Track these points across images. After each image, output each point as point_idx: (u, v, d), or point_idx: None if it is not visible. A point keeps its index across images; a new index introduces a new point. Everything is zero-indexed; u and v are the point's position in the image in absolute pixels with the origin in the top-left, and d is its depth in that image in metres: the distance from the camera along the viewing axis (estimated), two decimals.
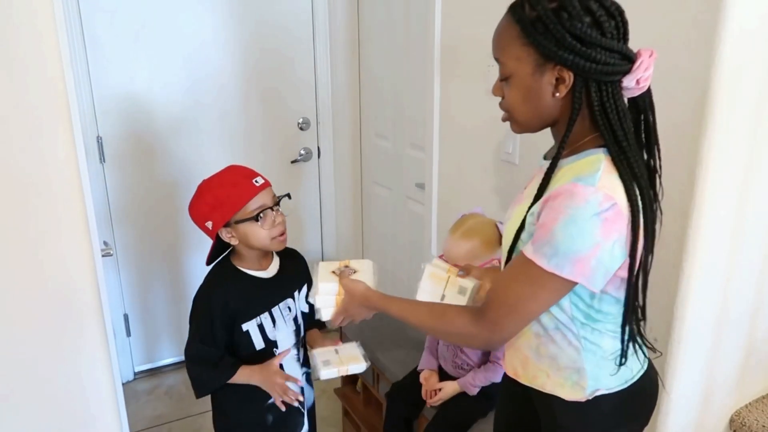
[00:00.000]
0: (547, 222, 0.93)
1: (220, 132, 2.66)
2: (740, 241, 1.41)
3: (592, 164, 0.94)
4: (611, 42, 0.91)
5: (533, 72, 0.95)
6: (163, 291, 2.73)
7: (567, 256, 0.91)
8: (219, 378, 1.49)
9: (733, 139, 1.27)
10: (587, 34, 0.90)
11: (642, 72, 0.93)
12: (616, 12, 0.92)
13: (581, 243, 0.90)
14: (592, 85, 0.94)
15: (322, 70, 2.80)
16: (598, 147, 0.97)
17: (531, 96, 0.98)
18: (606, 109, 0.94)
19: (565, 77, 0.94)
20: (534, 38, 0.93)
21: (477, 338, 1.03)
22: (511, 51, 0.97)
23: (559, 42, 0.91)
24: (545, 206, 0.94)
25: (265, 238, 1.45)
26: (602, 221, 0.90)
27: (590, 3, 0.90)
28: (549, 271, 0.92)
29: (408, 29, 2.33)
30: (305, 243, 3.03)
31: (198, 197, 1.45)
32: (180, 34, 2.49)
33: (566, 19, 0.90)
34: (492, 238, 1.58)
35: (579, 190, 0.91)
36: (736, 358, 1.59)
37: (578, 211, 0.90)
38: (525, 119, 1.02)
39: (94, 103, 2.40)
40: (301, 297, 1.62)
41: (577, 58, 0.91)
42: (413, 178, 2.45)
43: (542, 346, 1.08)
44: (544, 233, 0.92)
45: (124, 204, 2.57)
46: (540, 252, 0.93)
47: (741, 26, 1.17)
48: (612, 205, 0.90)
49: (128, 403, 2.50)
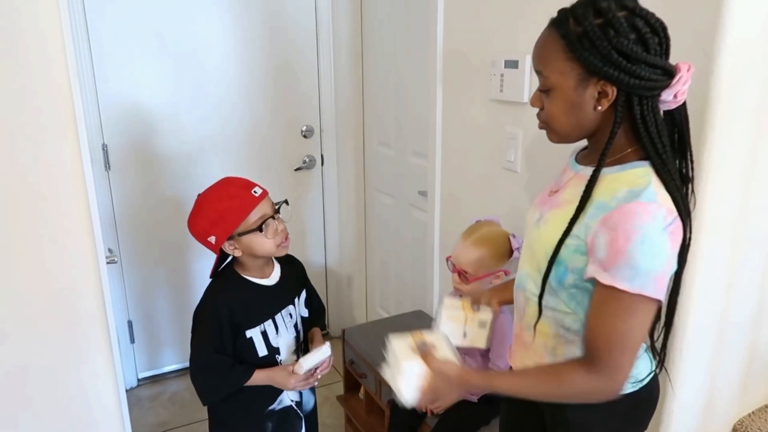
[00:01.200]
0: (617, 245, 0.91)
1: (225, 140, 2.68)
2: (741, 249, 1.41)
3: (639, 177, 0.96)
4: (655, 59, 0.92)
5: (576, 86, 0.96)
6: (167, 298, 2.74)
7: (648, 275, 0.91)
8: (233, 385, 1.49)
9: (733, 148, 1.27)
10: (633, 50, 0.90)
11: (681, 86, 0.94)
12: (659, 28, 0.93)
13: (659, 260, 0.92)
14: (635, 100, 0.95)
15: (326, 79, 2.82)
16: (641, 160, 0.99)
17: (573, 109, 0.99)
18: (647, 123, 0.96)
19: (608, 92, 0.95)
20: (580, 54, 0.93)
21: (602, 391, 0.99)
22: (554, 65, 0.97)
23: (605, 58, 0.91)
24: (605, 226, 0.93)
25: (271, 247, 1.46)
26: (669, 235, 0.92)
27: (636, 20, 0.91)
28: (635, 293, 0.92)
29: (410, 38, 2.35)
30: (308, 250, 3.04)
31: (197, 213, 1.44)
32: (185, 43, 2.51)
33: (613, 35, 0.90)
34: (503, 250, 1.59)
35: (643, 208, 0.91)
36: (739, 366, 1.58)
37: (648, 229, 0.90)
38: (565, 131, 1.03)
39: (99, 111, 2.42)
40: (300, 303, 1.63)
41: (622, 74, 0.92)
42: (416, 186, 2.46)
43: (560, 347, 1.09)
44: (619, 257, 0.91)
45: (129, 211, 2.58)
46: (619, 276, 0.92)
47: (740, 36, 1.18)
48: (674, 218, 0.93)
49: (131, 409, 2.52)
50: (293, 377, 1.51)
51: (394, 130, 2.60)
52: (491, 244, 1.58)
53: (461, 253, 1.59)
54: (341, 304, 3.18)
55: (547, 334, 1.10)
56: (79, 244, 1.47)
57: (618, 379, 0.98)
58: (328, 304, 3.17)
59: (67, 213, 1.44)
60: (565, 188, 1.08)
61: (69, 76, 1.36)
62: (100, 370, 1.57)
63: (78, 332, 1.52)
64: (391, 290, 2.85)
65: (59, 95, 1.37)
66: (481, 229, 1.61)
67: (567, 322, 1.06)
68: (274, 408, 1.59)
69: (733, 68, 1.19)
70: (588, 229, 0.97)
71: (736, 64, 1.19)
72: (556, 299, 1.06)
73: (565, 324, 1.07)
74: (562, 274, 1.03)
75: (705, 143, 1.22)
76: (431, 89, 2.11)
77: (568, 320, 1.06)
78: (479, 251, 1.57)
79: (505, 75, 1.74)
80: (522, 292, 1.15)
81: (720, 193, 1.28)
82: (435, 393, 1.11)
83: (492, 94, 1.81)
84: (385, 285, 2.92)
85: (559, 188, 1.11)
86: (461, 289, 1.63)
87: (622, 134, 0.99)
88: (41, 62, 1.34)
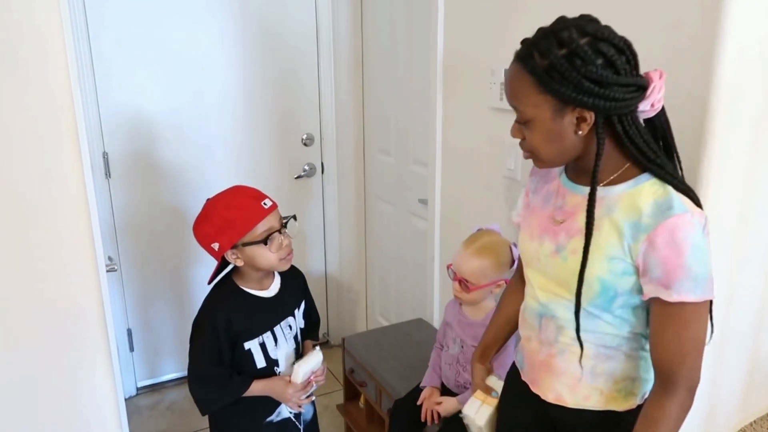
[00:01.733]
0: (672, 261, 0.93)
1: (225, 148, 2.68)
2: (741, 259, 1.41)
3: (657, 189, 0.97)
4: (626, 78, 0.93)
5: (553, 117, 0.96)
6: (167, 306, 2.74)
7: (705, 281, 0.95)
8: (231, 395, 1.49)
9: (733, 156, 1.27)
10: (602, 75, 0.91)
11: (656, 95, 0.96)
12: (624, 46, 0.93)
13: (707, 262, 0.95)
14: (614, 119, 0.96)
15: (326, 87, 2.83)
16: (642, 172, 1.00)
17: (554, 137, 0.99)
18: (632, 137, 0.97)
19: (586, 117, 0.95)
20: (551, 87, 0.93)
21: (688, 403, 1.00)
22: (527, 100, 0.97)
23: (576, 87, 0.92)
24: (653, 246, 0.94)
25: (274, 260, 1.45)
26: (707, 236, 0.96)
27: (600, 44, 0.91)
28: (701, 302, 0.95)
29: (411, 47, 2.36)
30: (308, 258, 3.03)
31: (204, 218, 1.44)
32: (186, 51, 2.52)
33: (580, 65, 0.91)
34: (505, 259, 1.58)
35: (683, 219, 0.93)
36: (740, 375, 1.58)
37: (695, 238, 0.93)
38: (551, 158, 1.03)
39: (100, 119, 2.43)
40: (300, 314, 1.62)
41: (596, 99, 0.92)
42: (416, 194, 2.46)
43: (599, 365, 1.09)
44: (678, 272, 0.93)
45: (129, 219, 2.58)
46: (683, 289, 0.94)
47: (739, 46, 1.18)
48: (706, 219, 0.96)
49: (131, 418, 2.50)
50: (291, 387, 1.51)
51: (394, 138, 2.60)
52: (493, 253, 1.58)
53: (463, 262, 1.58)
54: (341, 313, 3.18)
55: (587, 356, 1.09)
56: (79, 252, 1.47)
57: (696, 385, 1.00)
58: (328, 312, 3.16)
59: (67, 221, 1.44)
60: (578, 214, 1.05)
61: (70, 85, 1.37)
62: (99, 379, 1.57)
63: (77, 341, 1.52)
64: (392, 298, 2.84)
65: (60, 104, 1.37)
66: (483, 238, 1.61)
67: (607, 341, 1.07)
68: (273, 419, 1.58)
69: (732, 75, 1.19)
70: (632, 250, 0.97)
71: (735, 71, 1.20)
72: (597, 321, 1.06)
73: (606, 343, 1.07)
74: (611, 299, 1.03)
75: (705, 151, 1.23)
76: (431, 97, 2.12)
77: (608, 339, 1.07)
78: (481, 260, 1.56)
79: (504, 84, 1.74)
80: (552, 320, 1.12)
81: (720, 201, 1.28)
82: None
83: (492, 102, 1.82)
84: (385, 293, 2.91)
85: (565, 216, 1.08)
86: (462, 297, 1.62)
87: (613, 151, 1.00)
88: (42, 71, 1.34)
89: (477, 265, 1.56)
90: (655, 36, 1.30)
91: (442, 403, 1.69)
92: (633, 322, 1.05)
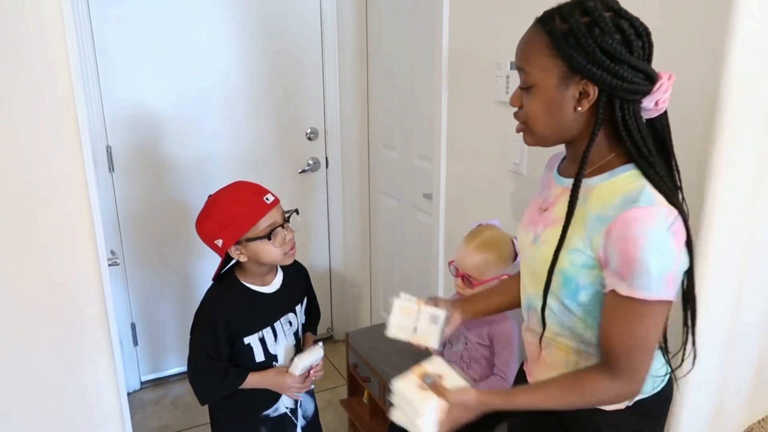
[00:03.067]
0: (628, 255, 0.91)
1: (229, 142, 2.67)
2: (752, 252, 1.39)
3: (631, 182, 0.95)
4: (638, 61, 0.92)
5: (558, 84, 0.95)
6: (171, 301, 2.74)
7: (661, 279, 0.91)
8: (227, 388, 1.49)
9: (744, 149, 1.25)
10: (617, 50, 0.91)
11: (662, 93, 0.94)
12: (644, 33, 0.94)
13: (667, 262, 0.91)
14: (616, 102, 0.94)
15: (331, 81, 2.82)
16: (625, 164, 0.98)
17: (553, 108, 0.98)
18: (629, 126, 0.95)
19: (589, 92, 0.94)
20: (564, 50, 0.93)
21: (623, 394, 1.02)
22: (537, 61, 0.96)
23: (588, 56, 0.91)
24: (611, 239, 0.93)
25: (278, 255, 1.44)
26: (673, 234, 0.91)
27: (621, 21, 0.91)
28: (654, 300, 0.92)
29: (415, 40, 2.34)
30: (313, 253, 3.03)
31: (207, 215, 1.43)
32: (189, 45, 2.51)
33: (598, 34, 0.90)
34: (506, 254, 1.57)
35: (644, 212, 0.91)
36: (749, 371, 1.56)
37: (654, 233, 0.90)
38: (543, 131, 1.01)
39: (104, 113, 2.42)
40: (302, 310, 1.61)
41: (604, 73, 0.92)
42: (421, 189, 2.44)
43: (582, 362, 1.09)
44: (632, 267, 0.91)
45: (133, 213, 2.58)
46: (636, 285, 0.92)
47: (749, 36, 1.16)
48: (675, 217, 0.92)
49: (134, 412, 2.51)
50: (289, 377, 1.51)
51: (399, 133, 2.59)
52: (495, 247, 1.57)
53: (465, 258, 1.57)
54: (345, 307, 3.17)
55: (569, 351, 1.09)
56: (81, 246, 1.46)
57: (638, 381, 0.99)
58: (332, 307, 3.16)
59: (69, 215, 1.44)
60: (555, 204, 1.07)
61: (71, 78, 1.36)
62: (101, 372, 1.56)
63: (80, 335, 1.51)
64: (395, 292, 2.83)
65: (62, 97, 1.36)
66: (484, 233, 1.60)
67: (587, 338, 1.06)
68: (269, 414, 1.58)
69: (743, 68, 1.17)
70: (593, 242, 0.96)
71: (746, 64, 1.18)
72: (572, 317, 1.05)
73: (585, 339, 1.06)
74: (574, 292, 1.02)
75: (714, 144, 1.21)
76: (436, 91, 2.10)
77: (588, 335, 1.06)
78: (483, 255, 1.55)
79: (510, 77, 1.72)
80: (535, 313, 1.12)
81: (730, 194, 1.26)
82: (455, 422, 1.10)
83: (498, 96, 1.80)
84: (389, 288, 2.90)
85: (548, 205, 1.09)
86: (464, 293, 1.61)
87: (603, 139, 0.98)
88: (44, 64, 1.33)
89: (479, 260, 1.55)
90: (665, 27, 1.28)
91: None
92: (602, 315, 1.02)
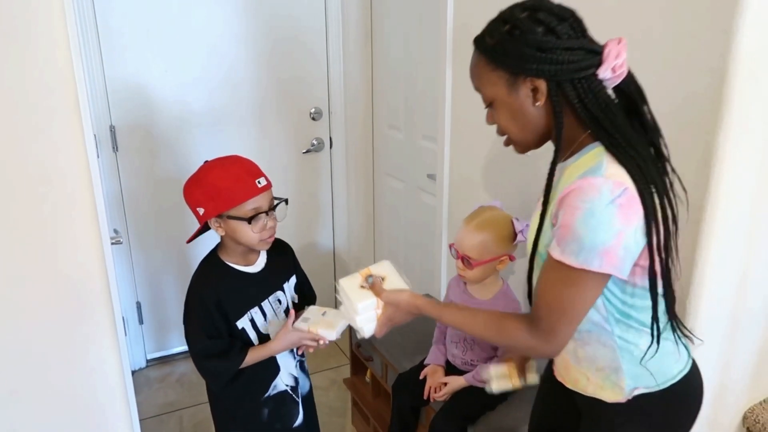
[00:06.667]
0: (566, 221, 0.94)
1: (232, 122, 2.66)
2: (757, 236, 1.38)
3: (593, 158, 0.97)
4: (569, 41, 0.95)
5: (509, 91, 1.01)
6: (175, 279, 2.75)
7: (594, 250, 0.91)
8: (232, 366, 1.48)
9: (750, 131, 1.24)
10: (543, 41, 0.95)
11: (613, 60, 0.95)
12: (566, 14, 0.97)
13: (604, 234, 0.91)
14: (567, 86, 0.97)
15: (335, 61, 2.79)
16: (593, 142, 0.99)
17: (516, 114, 1.02)
18: (586, 104, 0.97)
19: (538, 86, 0.98)
20: (499, 62, 1.00)
21: (537, 349, 1.04)
22: (485, 79, 1.03)
23: (520, 57, 0.96)
24: (561, 207, 0.95)
25: (253, 239, 1.43)
26: (618, 207, 0.90)
27: (538, 14, 0.96)
28: (579, 268, 0.93)
29: (420, 20, 2.31)
30: (317, 234, 3.03)
31: (196, 180, 1.43)
32: (193, 24, 2.49)
33: (519, 35, 0.96)
34: (506, 233, 1.56)
35: (589, 182, 0.92)
36: (751, 354, 1.56)
37: (593, 204, 0.91)
38: (521, 137, 1.06)
39: (107, 93, 2.41)
40: (290, 288, 1.61)
41: (540, 65, 0.96)
42: (425, 169, 2.43)
43: (579, 349, 1.10)
44: (566, 232, 0.93)
45: (137, 193, 2.58)
46: (567, 251, 0.94)
47: (759, 13, 1.14)
48: (624, 190, 0.91)
49: (140, 390, 2.54)
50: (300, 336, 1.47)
51: (403, 113, 2.57)
52: (494, 227, 1.56)
53: (464, 238, 1.57)
54: None
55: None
56: (84, 226, 1.46)
57: (553, 343, 1.00)
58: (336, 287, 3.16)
59: (72, 194, 1.44)
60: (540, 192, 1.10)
61: (71, 57, 1.35)
62: (106, 350, 1.58)
63: (84, 313, 1.52)
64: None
65: (62, 76, 1.36)
66: (484, 214, 1.59)
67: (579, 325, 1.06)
68: (270, 394, 1.58)
69: (751, 48, 1.15)
70: (550, 218, 1.00)
71: (754, 44, 1.16)
72: None
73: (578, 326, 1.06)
74: None
75: (721, 126, 1.19)
76: (441, 71, 2.08)
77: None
78: (482, 235, 1.55)
79: None
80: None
81: (736, 175, 1.25)
82: (390, 321, 1.23)
83: None
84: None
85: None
86: (465, 275, 1.61)
87: (573, 122, 1.00)
88: (44, 41, 1.32)
89: (479, 240, 1.54)
90: (673, 6, 1.26)
91: (449, 383, 1.69)
92: (596, 304, 1.02)
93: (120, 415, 1.64)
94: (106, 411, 1.62)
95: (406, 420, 1.85)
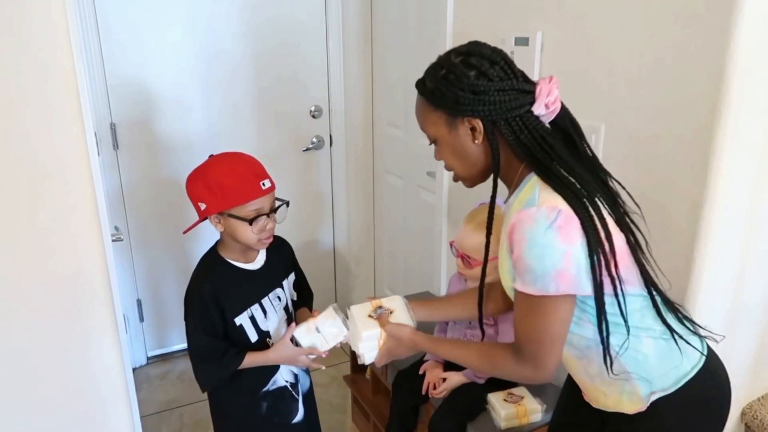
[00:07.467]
0: (516, 254, 0.99)
1: (233, 120, 2.66)
2: (754, 233, 1.38)
3: (530, 189, 1.03)
4: (501, 83, 1.01)
5: (449, 130, 1.07)
6: (176, 277, 2.75)
7: (546, 275, 0.96)
8: (226, 369, 1.48)
9: (749, 127, 1.24)
10: (475, 85, 1.01)
11: (545, 97, 1.01)
12: (497, 57, 1.03)
13: (551, 258, 0.95)
14: (502, 124, 1.02)
15: (335, 59, 2.79)
16: (529, 174, 1.05)
17: (458, 151, 1.09)
18: (521, 139, 1.02)
19: (475, 125, 1.04)
20: (438, 103, 1.06)
21: (528, 378, 1.09)
22: (427, 119, 1.10)
23: (456, 100, 1.02)
24: (510, 241, 1.01)
25: (251, 239, 1.44)
26: (557, 230, 0.95)
27: (471, 59, 1.02)
28: (539, 295, 0.98)
29: (420, 17, 2.31)
30: (317, 231, 3.03)
31: (200, 175, 1.43)
32: (193, 21, 2.49)
33: (453, 79, 1.02)
34: None
35: (525, 214, 0.98)
36: (749, 350, 1.56)
37: (533, 233, 0.96)
38: (465, 173, 1.12)
39: (107, 90, 2.42)
40: (289, 285, 1.61)
41: (475, 106, 1.01)
42: (425, 167, 2.43)
43: (588, 367, 1.11)
44: (520, 265, 0.99)
45: (138, 190, 2.59)
46: (526, 281, 0.99)
47: (757, 10, 1.14)
48: (558, 212, 0.96)
49: (141, 387, 2.55)
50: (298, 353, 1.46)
51: (403, 111, 2.57)
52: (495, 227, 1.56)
53: (464, 238, 1.57)
54: (349, 285, 3.18)
55: (572, 360, 1.14)
56: (84, 222, 1.46)
57: (541, 369, 1.04)
58: (336, 285, 3.17)
59: (72, 191, 1.44)
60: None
61: (72, 55, 1.35)
62: (106, 347, 1.58)
63: (84, 311, 1.53)
64: (399, 271, 2.84)
65: (63, 74, 1.36)
66: (483, 213, 1.58)
67: (576, 343, 1.08)
68: (269, 389, 1.58)
69: (749, 44, 1.16)
70: (506, 251, 1.05)
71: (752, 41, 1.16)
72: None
73: (574, 344, 1.09)
74: None
75: (719, 122, 1.20)
76: None
77: (576, 340, 1.08)
78: (482, 235, 1.53)
79: (515, 52, 1.70)
80: None
81: (733, 172, 1.25)
82: (390, 353, 1.30)
83: None
84: (393, 266, 2.91)
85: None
86: (465, 274, 1.61)
87: (511, 157, 1.06)
88: (45, 39, 1.32)
89: (478, 240, 1.54)
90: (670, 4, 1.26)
91: (448, 379, 1.69)
92: (583, 322, 1.04)
93: (121, 412, 1.65)
94: (107, 408, 1.63)
95: (405, 417, 1.86)
